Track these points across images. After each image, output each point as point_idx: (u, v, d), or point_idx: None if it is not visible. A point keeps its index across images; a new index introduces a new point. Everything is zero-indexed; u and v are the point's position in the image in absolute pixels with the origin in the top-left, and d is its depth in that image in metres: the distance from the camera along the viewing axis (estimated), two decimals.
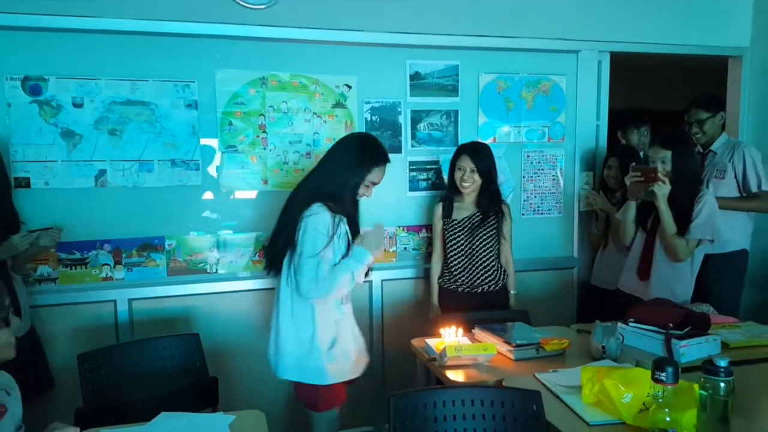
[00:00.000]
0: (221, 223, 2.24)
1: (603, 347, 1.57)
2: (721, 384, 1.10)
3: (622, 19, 2.55)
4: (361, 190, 1.67)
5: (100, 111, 2.07)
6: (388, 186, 2.33)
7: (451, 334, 1.66)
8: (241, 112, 2.22)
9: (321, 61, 2.26)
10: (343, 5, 2.21)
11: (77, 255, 2.10)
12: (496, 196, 2.13)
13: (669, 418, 1.11)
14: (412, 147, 2.41)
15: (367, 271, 1.69)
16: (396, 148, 2.37)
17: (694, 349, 1.54)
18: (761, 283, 2.68)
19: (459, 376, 1.53)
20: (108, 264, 2.13)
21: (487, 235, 2.11)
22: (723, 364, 1.10)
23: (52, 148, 2.04)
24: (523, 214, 2.56)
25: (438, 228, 2.21)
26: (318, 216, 1.58)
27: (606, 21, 2.53)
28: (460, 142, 2.37)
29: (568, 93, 2.57)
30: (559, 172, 2.60)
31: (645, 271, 1.97)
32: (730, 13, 2.70)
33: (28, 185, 2.02)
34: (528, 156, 2.56)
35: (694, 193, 1.89)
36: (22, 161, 2.02)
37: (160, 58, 2.11)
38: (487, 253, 2.11)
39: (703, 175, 2.35)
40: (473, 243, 2.11)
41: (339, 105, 2.31)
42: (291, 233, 1.60)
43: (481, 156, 2.08)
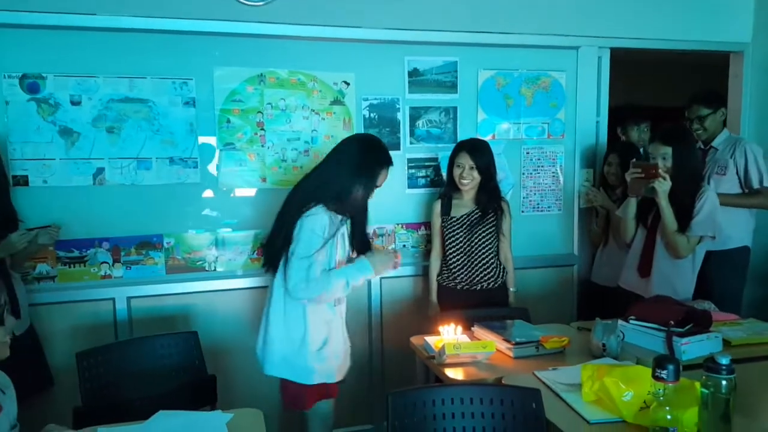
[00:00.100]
0: (220, 221, 2.23)
1: (603, 345, 1.56)
2: (723, 382, 1.09)
3: (622, 14, 2.53)
4: (369, 193, 1.68)
5: (98, 109, 2.07)
6: (387, 184, 2.31)
7: (450, 332, 1.66)
8: (239, 110, 2.21)
9: (319, 57, 2.25)
10: (341, 1, 2.20)
11: (76, 253, 2.09)
12: (495, 193, 2.13)
13: (670, 417, 1.10)
14: (411, 144, 2.40)
15: None
16: (395, 146, 2.36)
17: (695, 347, 1.53)
18: (763, 279, 2.67)
19: (458, 374, 1.52)
20: (107, 262, 2.12)
21: (486, 233, 2.10)
22: (725, 361, 1.09)
23: (50, 146, 2.04)
24: (522, 212, 2.55)
25: (437, 225, 2.20)
26: (315, 217, 1.57)
27: (606, 17, 2.51)
28: (459, 139, 2.37)
29: (567, 89, 2.55)
30: (558, 169, 2.59)
31: (646, 268, 1.96)
32: (731, 8, 2.68)
33: (26, 183, 2.02)
34: (527, 153, 2.55)
35: (695, 190, 1.88)
36: (20, 159, 2.01)
37: (158, 56, 2.10)
38: (486, 250, 2.10)
39: (704, 171, 2.34)
40: (472, 240, 2.10)
41: (337, 102, 2.30)
42: (289, 232, 1.59)
43: (480, 153, 2.07)
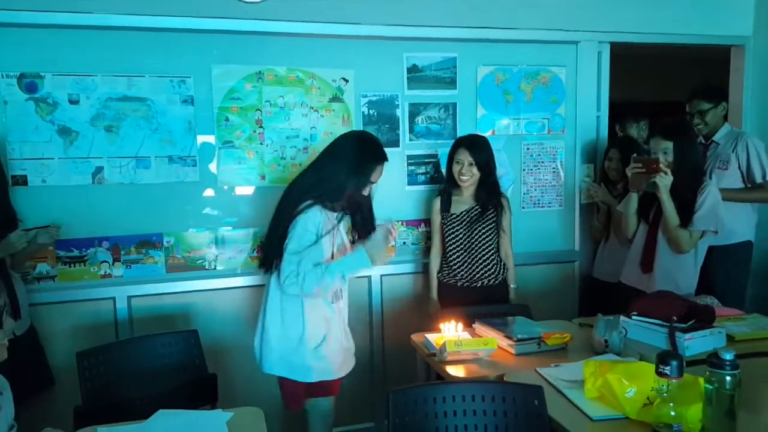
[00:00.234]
0: (219, 220, 2.23)
1: (606, 341, 1.56)
2: (727, 377, 1.08)
3: (622, 8, 2.51)
4: (364, 189, 1.66)
5: (96, 107, 2.06)
6: (387, 181, 2.30)
7: (451, 329, 1.65)
8: (238, 108, 2.20)
9: (317, 54, 2.24)
10: None
11: (76, 252, 2.09)
12: (494, 189, 2.11)
13: (674, 413, 1.09)
14: (410, 141, 2.39)
15: None
16: (394, 142, 2.36)
17: (698, 342, 1.52)
18: (766, 274, 2.65)
19: (459, 372, 1.52)
20: (107, 261, 2.12)
21: (486, 229, 2.09)
22: (729, 357, 1.08)
23: (48, 145, 2.03)
24: (523, 208, 2.54)
25: (436, 222, 2.19)
26: (308, 214, 1.57)
27: (606, 11, 2.50)
28: (458, 135, 2.35)
29: (567, 84, 2.54)
30: (559, 165, 2.58)
31: (648, 263, 1.95)
32: (732, 1, 2.66)
33: (25, 183, 2.02)
34: (528, 148, 2.54)
35: (696, 184, 1.87)
36: (19, 159, 2.01)
37: (156, 54, 2.10)
38: (486, 246, 2.10)
39: (706, 166, 2.33)
40: (472, 237, 2.09)
41: (336, 99, 2.29)
42: (285, 230, 1.59)
43: (479, 149, 2.06)
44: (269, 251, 1.65)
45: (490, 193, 2.10)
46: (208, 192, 2.21)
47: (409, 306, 2.41)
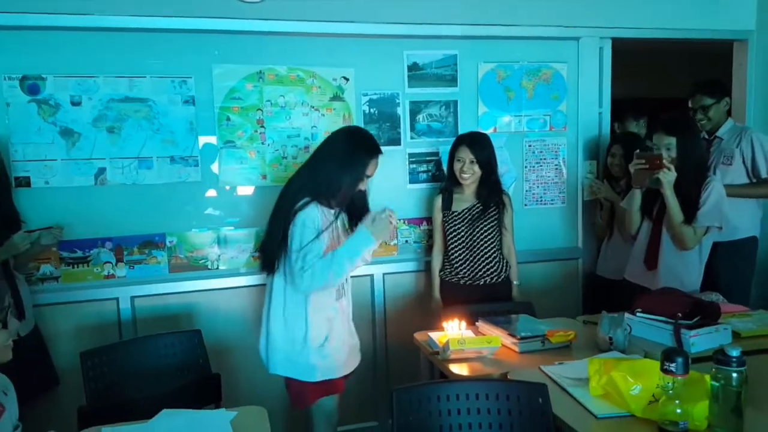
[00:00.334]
0: (222, 219, 2.23)
1: (610, 338, 1.55)
2: (734, 374, 1.07)
3: (624, 4, 2.50)
4: (358, 184, 1.65)
5: (98, 109, 2.06)
6: (388, 179, 2.31)
7: (455, 327, 1.64)
8: (239, 107, 2.20)
9: (318, 53, 2.24)
10: None
11: (79, 253, 2.09)
12: (496, 186, 2.11)
13: (680, 410, 1.08)
14: (412, 139, 2.38)
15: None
16: (395, 140, 2.35)
17: (704, 339, 1.51)
18: None
19: (463, 370, 1.51)
20: (110, 262, 2.12)
21: (488, 227, 2.09)
22: (735, 353, 1.08)
23: (51, 146, 2.04)
24: (525, 205, 2.53)
25: (438, 220, 2.19)
26: (305, 211, 1.57)
27: (607, 6, 2.48)
28: (459, 132, 2.34)
29: (569, 81, 2.53)
30: (561, 162, 2.57)
31: (652, 260, 1.93)
32: None
33: (28, 184, 2.02)
34: (530, 145, 2.53)
35: (700, 180, 1.86)
36: (22, 161, 2.01)
37: (157, 55, 2.10)
38: (488, 244, 2.09)
39: (710, 161, 2.31)
40: (474, 235, 2.09)
41: (337, 98, 2.29)
42: (285, 230, 1.58)
43: (481, 146, 2.05)
44: (270, 252, 1.64)
45: (491, 190, 2.09)
46: (210, 192, 2.21)
47: (412, 304, 2.41)
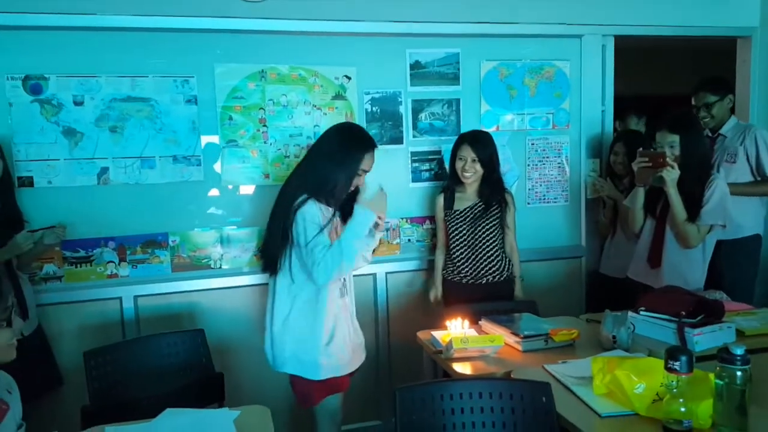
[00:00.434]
0: (224, 219, 2.23)
1: (613, 337, 1.54)
2: (738, 373, 1.07)
3: (626, 1, 2.48)
4: (354, 180, 1.64)
5: (100, 108, 2.07)
6: (391, 177, 2.31)
7: (458, 326, 1.64)
8: (241, 107, 2.20)
9: (320, 52, 2.23)
10: None
11: (82, 253, 2.10)
12: (498, 185, 2.10)
13: (684, 409, 1.08)
14: (414, 137, 2.38)
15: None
16: (397, 139, 2.35)
17: (708, 338, 1.51)
18: None
19: (466, 369, 1.51)
20: (113, 261, 2.13)
21: (490, 225, 2.08)
22: (739, 352, 1.07)
23: (54, 146, 2.04)
24: (528, 203, 2.52)
25: (440, 219, 2.18)
26: (304, 208, 1.57)
27: (609, 4, 2.47)
28: (462, 131, 2.34)
29: (572, 78, 2.52)
30: (564, 160, 2.56)
31: (655, 258, 1.93)
32: None
33: (31, 184, 2.03)
34: (532, 144, 2.52)
35: (704, 178, 1.85)
36: (25, 160, 2.02)
37: (159, 54, 2.10)
38: (490, 243, 2.08)
39: (713, 159, 2.30)
40: (475, 233, 2.08)
41: (339, 97, 2.29)
42: (286, 228, 1.58)
43: (483, 145, 2.05)
44: (271, 252, 1.64)
45: (493, 189, 2.08)
46: (213, 191, 2.21)
47: (415, 303, 2.41)
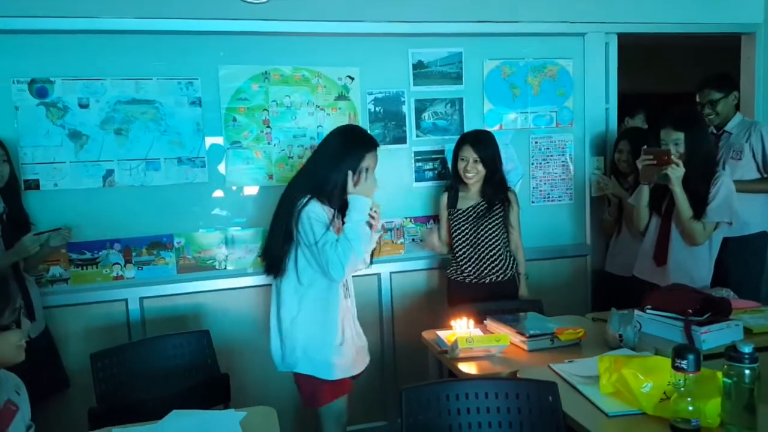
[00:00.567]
0: (229, 220, 2.24)
1: (620, 336, 1.54)
2: (746, 371, 1.06)
3: None
4: (356, 177, 1.62)
5: (105, 111, 2.08)
6: (394, 177, 2.31)
7: (463, 326, 1.64)
8: (245, 108, 2.21)
9: (323, 53, 2.24)
10: None
11: (88, 255, 2.11)
12: (501, 184, 2.09)
13: (692, 407, 1.07)
14: (417, 137, 2.38)
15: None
16: (401, 139, 2.35)
17: (715, 336, 1.50)
18: None
19: (472, 369, 1.51)
20: (118, 263, 2.14)
21: (493, 225, 2.08)
22: (747, 350, 1.06)
23: (59, 149, 2.05)
24: (532, 202, 2.52)
25: (444, 218, 2.18)
26: (308, 207, 1.57)
27: (612, 2, 2.46)
28: (465, 130, 2.34)
29: (575, 77, 2.51)
30: (568, 158, 2.55)
31: (661, 256, 1.92)
32: None
33: (37, 187, 2.04)
34: (536, 142, 2.51)
35: (709, 175, 1.84)
36: (31, 163, 2.03)
37: (163, 56, 2.11)
38: (493, 242, 2.08)
39: (718, 156, 2.29)
40: (478, 233, 2.08)
41: (342, 97, 2.29)
42: (289, 230, 1.58)
43: (484, 145, 2.04)
44: (274, 254, 1.63)
45: (496, 189, 2.07)
46: (217, 192, 2.22)
47: (420, 303, 2.41)
